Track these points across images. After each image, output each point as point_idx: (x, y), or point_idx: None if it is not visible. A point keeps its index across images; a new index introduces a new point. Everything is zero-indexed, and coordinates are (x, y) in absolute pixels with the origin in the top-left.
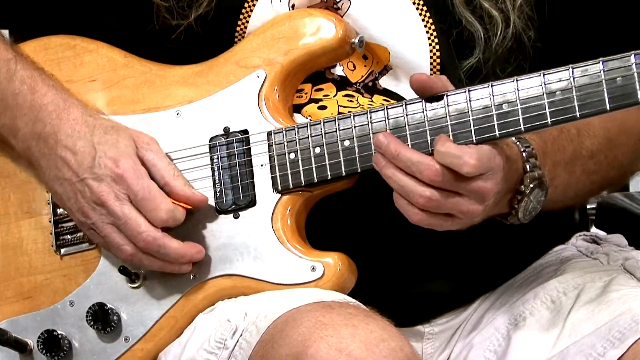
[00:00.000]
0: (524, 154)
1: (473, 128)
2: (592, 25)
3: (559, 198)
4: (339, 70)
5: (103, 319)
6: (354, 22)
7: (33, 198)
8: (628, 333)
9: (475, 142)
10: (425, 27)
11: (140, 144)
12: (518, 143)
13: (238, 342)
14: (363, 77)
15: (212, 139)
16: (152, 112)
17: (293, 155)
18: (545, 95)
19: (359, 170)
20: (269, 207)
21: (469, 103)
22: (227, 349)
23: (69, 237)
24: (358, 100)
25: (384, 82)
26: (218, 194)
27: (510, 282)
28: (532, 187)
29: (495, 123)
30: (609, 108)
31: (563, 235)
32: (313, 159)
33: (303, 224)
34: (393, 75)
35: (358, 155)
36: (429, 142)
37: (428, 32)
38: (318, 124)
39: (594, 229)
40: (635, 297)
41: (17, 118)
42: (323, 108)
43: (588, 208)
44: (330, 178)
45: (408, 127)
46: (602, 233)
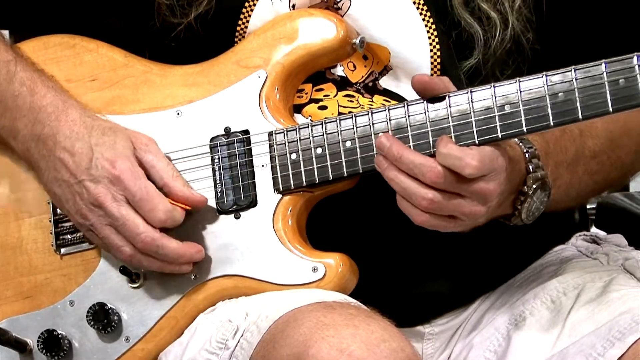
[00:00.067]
0: (527, 155)
1: (475, 129)
2: (590, 27)
3: (562, 198)
4: (340, 71)
5: (103, 319)
6: (354, 22)
7: (33, 198)
8: (628, 333)
9: (478, 143)
10: (426, 27)
11: (139, 145)
12: (520, 144)
13: (239, 342)
14: (363, 77)
15: (212, 139)
16: (152, 112)
17: (294, 156)
18: (548, 97)
19: (361, 171)
20: (270, 207)
21: (471, 104)
22: (228, 349)
23: (69, 236)
24: (358, 101)
25: (384, 82)
26: (219, 195)
27: (510, 282)
28: (535, 187)
29: (498, 124)
30: (612, 110)
31: (563, 235)
32: (314, 160)
33: (304, 225)
34: (393, 76)
35: (360, 156)
36: (431, 143)
37: (429, 32)
38: (319, 125)
39: (594, 229)
40: (635, 297)
41: (16, 120)
42: (323, 108)
43: (588, 208)
44: (332, 179)
45: (410, 127)
46: (602, 233)
